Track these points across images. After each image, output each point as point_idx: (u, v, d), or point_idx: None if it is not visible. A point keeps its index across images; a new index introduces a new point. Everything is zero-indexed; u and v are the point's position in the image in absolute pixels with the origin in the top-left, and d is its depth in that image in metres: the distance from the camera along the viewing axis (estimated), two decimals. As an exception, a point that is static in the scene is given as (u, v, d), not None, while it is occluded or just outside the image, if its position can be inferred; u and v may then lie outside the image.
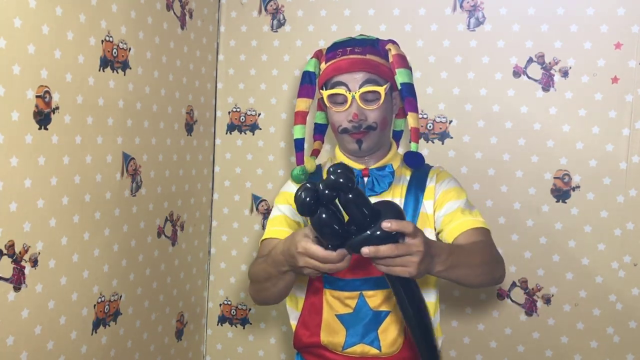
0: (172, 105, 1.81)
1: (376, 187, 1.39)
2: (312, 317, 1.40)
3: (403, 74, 1.39)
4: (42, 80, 1.27)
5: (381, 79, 1.37)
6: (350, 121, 1.34)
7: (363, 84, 1.35)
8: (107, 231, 1.54)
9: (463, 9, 1.85)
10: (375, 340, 1.36)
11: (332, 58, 1.40)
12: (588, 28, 1.75)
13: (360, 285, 1.35)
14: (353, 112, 1.34)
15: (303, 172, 1.44)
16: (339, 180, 1.01)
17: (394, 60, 1.39)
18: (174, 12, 1.79)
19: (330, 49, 1.42)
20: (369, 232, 1.03)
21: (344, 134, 1.37)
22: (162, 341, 1.86)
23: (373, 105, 1.35)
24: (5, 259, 1.22)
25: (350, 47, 1.39)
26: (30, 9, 1.23)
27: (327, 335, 1.38)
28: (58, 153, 1.34)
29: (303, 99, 1.45)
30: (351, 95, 1.34)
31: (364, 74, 1.35)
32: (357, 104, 1.34)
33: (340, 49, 1.40)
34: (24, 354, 1.28)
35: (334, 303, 1.38)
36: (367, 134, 1.35)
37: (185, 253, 1.97)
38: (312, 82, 1.44)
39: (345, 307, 1.37)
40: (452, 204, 1.38)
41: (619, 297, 1.77)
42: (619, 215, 1.76)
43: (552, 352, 1.83)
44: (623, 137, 1.75)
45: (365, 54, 1.38)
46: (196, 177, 2.00)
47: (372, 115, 1.35)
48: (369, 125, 1.35)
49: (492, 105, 1.84)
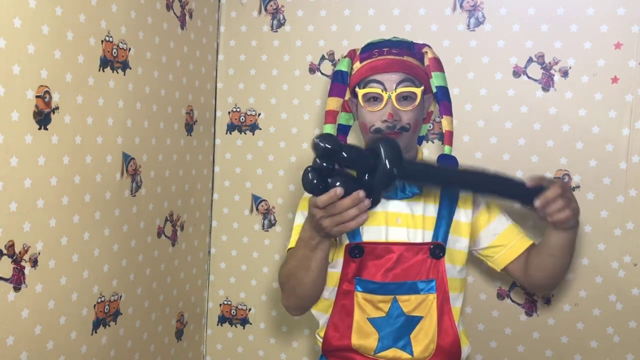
0: (172, 105, 1.81)
1: (407, 190, 1.39)
2: (343, 319, 1.39)
3: (439, 77, 1.40)
4: (42, 80, 1.27)
5: (417, 81, 1.36)
6: (384, 121, 1.33)
7: (399, 84, 1.34)
8: (107, 231, 1.54)
9: (463, 9, 1.85)
10: (408, 345, 1.35)
11: (367, 58, 1.39)
12: (588, 28, 1.75)
13: (395, 289, 1.35)
14: (388, 112, 1.32)
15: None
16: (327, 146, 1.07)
17: (430, 63, 1.40)
18: (174, 12, 1.79)
19: (365, 49, 1.42)
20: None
21: (376, 134, 1.35)
22: (162, 341, 1.86)
23: (408, 107, 1.34)
24: (5, 259, 1.22)
25: (387, 48, 1.39)
26: (30, 9, 1.23)
27: (359, 338, 1.37)
28: (58, 153, 1.34)
29: (334, 97, 1.44)
30: (387, 94, 1.33)
31: (401, 75, 1.35)
32: (392, 104, 1.33)
33: (377, 49, 1.39)
34: (24, 354, 1.28)
35: (366, 306, 1.37)
36: (399, 135, 1.34)
37: (185, 253, 1.97)
38: (344, 82, 1.43)
39: (377, 311, 1.37)
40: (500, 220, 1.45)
41: (619, 297, 1.77)
42: (619, 215, 1.76)
43: (552, 352, 1.83)
44: (623, 137, 1.75)
45: (402, 55, 1.38)
46: (196, 177, 2.00)
47: (407, 117, 1.34)
48: (402, 126, 1.34)
49: (492, 105, 1.84)
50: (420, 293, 1.36)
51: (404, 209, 1.39)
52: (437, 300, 1.36)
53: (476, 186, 1.25)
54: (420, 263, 1.36)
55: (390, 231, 1.38)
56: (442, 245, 1.36)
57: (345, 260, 1.39)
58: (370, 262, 1.37)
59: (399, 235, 1.38)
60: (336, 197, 1.08)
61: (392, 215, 1.39)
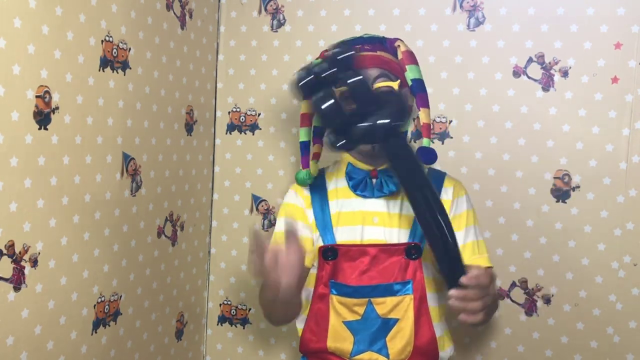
0: (172, 105, 1.81)
1: (384, 188, 1.38)
2: (319, 323, 1.38)
3: (414, 70, 1.38)
4: (42, 80, 1.27)
5: (393, 75, 1.36)
6: None
7: (376, 79, 1.33)
8: (107, 231, 1.54)
9: (463, 9, 1.85)
10: (384, 348, 1.34)
11: None
12: (588, 28, 1.75)
13: (369, 292, 1.34)
14: None
15: (309, 176, 1.43)
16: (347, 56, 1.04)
17: (404, 56, 1.38)
18: (174, 12, 1.79)
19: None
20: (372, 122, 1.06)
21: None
22: (162, 341, 1.86)
23: None
24: (5, 259, 1.22)
25: (359, 45, 1.38)
26: (30, 9, 1.23)
27: (334, 341, 1.36)
28: (58, 153, 1.34)
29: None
30: None
31: (377, 70, 1.34)
32: None
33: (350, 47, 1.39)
34: (24, 354, 1.28)
35: (341, 309, 1.36)
36: None
37: (185, 253, 1.97)
38: None
39: (353, 314, 1.36)
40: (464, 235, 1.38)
41: (619, 297, 1.77)
42: (619, 215, 1.76)
43: (552, 352, 1.83)
44: (623, 137, 1.75)
45: (375, 51, 1.37)
46: (196, 177, 2.00)
47: None
48: None
49: (492, 105, 1.84)
50: (396, 295, 1.34)
51: (381, 207, 1.38)
52: (414, 301, 1.34)
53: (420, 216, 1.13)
54: (395, 264, 1.34)
55: (367, 231, 1.37)
56: (418, 245, 1.34)
57: (319, 263, 1.38)
58: (344, 264, 1.36)
59: (375, 235, 1.37)
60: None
61: (369, 214, 1.38)
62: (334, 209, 1.42)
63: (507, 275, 1.86)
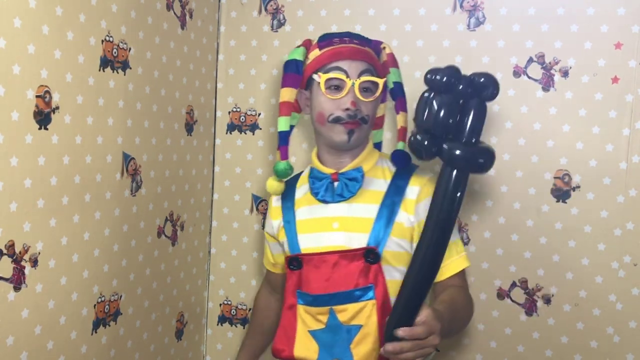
0: (172, 105, 1.81)
1: (345, 193, 1.35)
2: (287, 332, 1.37)
3: (396, 73, 1.38)
4: (42, 80, 1.27)
5: (376, 73, 1.35)
6: (346, 109, 1.29)
7: (362, 73, 1.31)
8: (107, 231, 1.54)
9: (463, 9, 1.85)
10: (348, 356, 1.31)
11: (328, 45, 1.35)
12: (588, 28, 1.75)
13: (329, 301, 1.32)
14: (350, 100, 1.29)
15: (289, 167, 1.42)
16: (493, 84, 1.05)
17: (388, 58, 1.38)
18: (174, 12, 1.79)
19: (324, 38, 1.37)
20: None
21: (335, 123, 1.31)
22: (162, 341, 1.86)
23: (369, 98, 1.32)
24: (5, 259, 1.22)
25: (347, 38, 1.36)
26: (30, 9, 1.23)
27: (301, 351, 1.35)
28: (58, 153, 1.34)
29: (289, 88, 1.37)
30: (351, 82, 1.30)
31: (364, 63, 1.32)
32: (354, 93, 1.30)
33: (337, 37, 1.36)
34: (24, 354, 1.28)
35: (307, 319, 1.35)
36: (359, 126, 1.31)
37: (185, 253, 1.97)
38: (298, 72, 1.36)
39: (317, 323, 1.34)
40: None
41: (619, 297, 1.77)
42: (619, 215, 1.76)
43: (552, 352, 1.83)
44: (623, 137, 1.75)
45: (364, 46, 1.36)
46: (196, 177, 2.00)
47: (366, 108, 1.32)
48: (362, 116, 1.31)
49: (492, 106, 1.84)
50: (357, 301, 1.30)
51: (341, 212, 1.35)
52: (377, 306, 1.29)
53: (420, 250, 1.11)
54: (356, 269, 1.30)
55: (328, 237, 1.34)
56: (374, 250, 1.30)
57: (287, 273, 1.38)
58: (309, 272, 1.34)
59: (335, 241, 1.33)
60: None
61: (328, 220, 1.35)
62: (299, 217, 1.40)
63: (507, 275, 1.86)
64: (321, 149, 1.41)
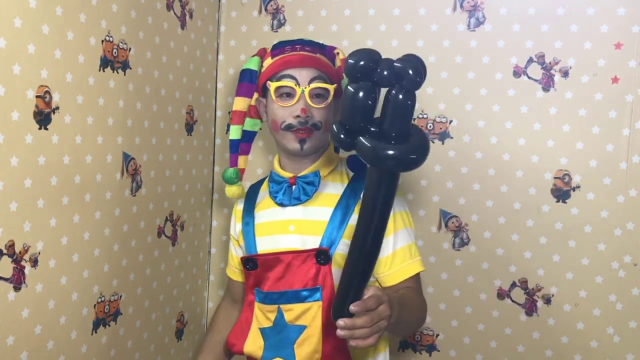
0: (172, 105, 1.81)
1: (302, 196, 1.37)
2: (243, 327, 1.41)
3: None
4: (42, 80, 1.27)
5: (329, 79, 1.37)
6: (296, 117, 1.32)
7: (313, 80, 1.34)
8: (107, 231, 1.54)
9: (463, 9, 1.85)
10: (291, 355, 1.32)
11: (280, 53, 1.38)
12: (588, 28, 1.75)
13: (277, 299, 1.34)
14: (301, 107, 1.32)
15: (236, 175, 1.46)
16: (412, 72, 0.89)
17: (342, 64, 1.40)
18: (174, 12, 1.79)
19: (277, 46, 1.41)
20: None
21: (287, 130, 1.34)
22: (162, 341, 1.86)
23: (321, 104, 1.34)
24: (5, 259, 1.22)
25: (299, 45, 1.39)
26: (30, 8, 1.23)
27: (249, 346, 1.39)
28: (58, 153, 1.34)
29: (242, 97, 1.43)
30: (300, 89, 1.32)
31: (314, 70, 1.34)
32: (305, 100, 1.32)
33: (289, 46, 1.39)
34: (24, 354, 1.28)
35: (259, 315, 1.38)
36: (311, 133, 1.33)
37: (185, 253, 1.97)
38: (252, 81, 1.41)
39: (267, 321, 1.37)
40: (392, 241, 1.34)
41: (619, 297, 1.77)
42: (619, 215, 1.76)
43: (552, 352, 1.83)
44: (623, 137, 1.75)
45: (315, 53, 1.38)
46: (196, 177, 2.00)
47: (318, 114, 1.34)
48: (314, 123, 1.33)
49: (492, 105, 1.84)
50: (304, 302, 1.32)
51: (297, 215, 1.38)
52: (322, 308, 1.31)
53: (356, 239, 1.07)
54: (307, 270, 1.32)
55: (283, 239, 1.37)
56: (325, 250, 1.32)
57: (245, 273, 1.42)
58: (265, 273, 1.37)
59: (291, 244, 1.36)
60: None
61: (284, 223, 1.38)
62: (258, 220, 1.45)
63: (507, 275, 1.86)
64: (281, 155, 1.45)
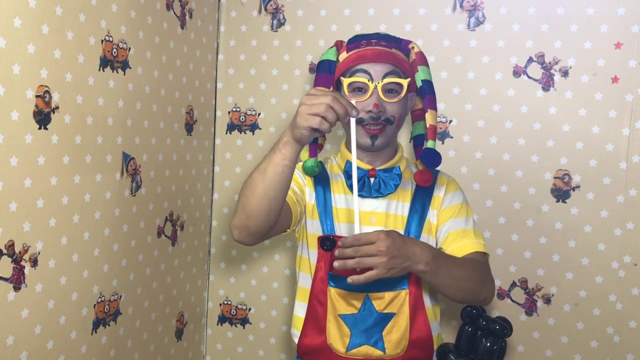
0: (172, 105, 1.81)
1: (382, 189, 1.39)
2: (317, 315, 1.38)
3: (425, 71, 1.40)
4: (42, 80, 1.27)
5: (403, 74, 1.36)
6: (369, 112, 1.32)
7: (386, 75, 1.33)
8: (107, 231, 1.54)
9: (463, 8, 1.85)
10: (380, 342, 1.35)
11: (355, 48, 1.38)
12: (588, 28, 1.75)
13: (368, 287, 1.32)
14: (373, 102, 1.31)
15: (317, 165, 1.43)
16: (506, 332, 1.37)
17: (417, 57, 1.40)
18: (174, 11, 1.79)
19: (353, 40, 1.41)
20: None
21: (358, 124, 1.33)
22: (162, 341, 1.86)
23: (394, 98, 1.34)
24: (5, 258, 1.22)
25: (375, 40, 1.38)
26: (30, 8, 1.23)
27: (330, 335, 1.36)
28: (58, 153, 1.34)
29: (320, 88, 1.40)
30: (373, 85, 1.32)
31: (388, 66, 1.34)
32: (377, 95, 1.32)
33: (365, 40, 1.39)
34: (24, 354, 1.28)
35: (338, 302, 1.36)
36: (383, 129, 1.34)
37: (185, 253, 1.97)
38: (331, 71, 1.40)
39: (349, 307, 1.36)
40: (456, 222, 1.39)
41: (619, 297, 1.77)
42: (619, 215, 1.76)
43: (552, 352, 1.83)
44: (623, 137, 1.75)
45: (390, 47, 1.38)
46: (196, 177, 2.00)
47: (391, 109, 1.34)
48: (387, 118, 1.33)
49: (492, 105, 1.84)
50: (393, 289, 1.35)
51: (378, 207, 1.39)
52: (409, 296, 1.35)
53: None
54: None
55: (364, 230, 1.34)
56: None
57: (318, 253, 1.38)
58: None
59: None
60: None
61: (366, 215, 1.38)
62: (336, 203, 1.41)
63: (507, 275, 1.86)
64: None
